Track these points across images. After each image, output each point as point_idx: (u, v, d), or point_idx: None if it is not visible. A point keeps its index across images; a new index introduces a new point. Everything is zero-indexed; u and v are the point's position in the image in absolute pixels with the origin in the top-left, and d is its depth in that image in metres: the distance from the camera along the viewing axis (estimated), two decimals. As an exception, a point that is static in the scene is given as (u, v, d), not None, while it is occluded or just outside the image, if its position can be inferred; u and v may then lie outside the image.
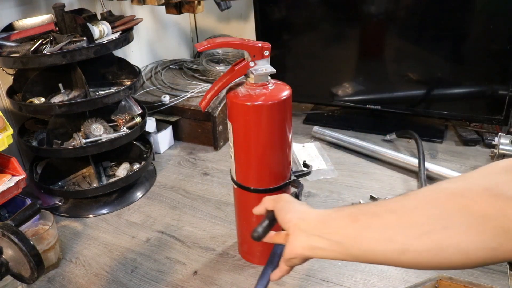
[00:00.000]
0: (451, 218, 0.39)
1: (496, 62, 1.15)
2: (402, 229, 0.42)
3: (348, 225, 0.47)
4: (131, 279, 0.84)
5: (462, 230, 0.38)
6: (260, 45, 0.71)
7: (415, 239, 0.41)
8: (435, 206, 0.41)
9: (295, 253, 0.52)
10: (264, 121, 0.71)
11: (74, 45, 0.94)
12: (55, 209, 1.06)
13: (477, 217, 0.38)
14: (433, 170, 1.07)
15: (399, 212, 0.43)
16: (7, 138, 0.87)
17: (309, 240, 0.50)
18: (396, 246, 0.42)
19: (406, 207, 0.43)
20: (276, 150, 0.75)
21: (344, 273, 0.82)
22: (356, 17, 1.28)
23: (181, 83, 1.42)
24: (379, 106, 1.33)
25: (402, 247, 0.42)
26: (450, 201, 0.40)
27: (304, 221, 0.52)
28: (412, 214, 0.42)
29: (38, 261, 0.57)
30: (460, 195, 0.40)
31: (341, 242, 0.47)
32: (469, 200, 0.39)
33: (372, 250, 0.44)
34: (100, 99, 0.98)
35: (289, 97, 0.71)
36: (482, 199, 0.38)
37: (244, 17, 1.70)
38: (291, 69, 1.40)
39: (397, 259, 0.42)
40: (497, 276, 0.79)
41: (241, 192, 0.79)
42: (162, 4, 1.22)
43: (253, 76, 0.71)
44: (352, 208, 0.49)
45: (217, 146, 1.31)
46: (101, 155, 1.10)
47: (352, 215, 0.47)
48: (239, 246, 0.90)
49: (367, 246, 0.45)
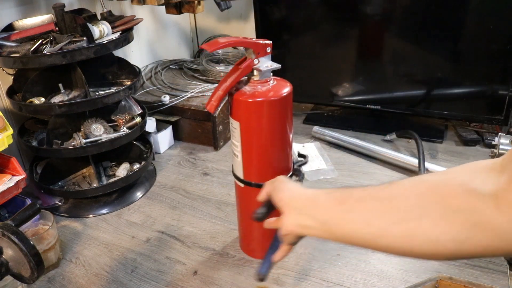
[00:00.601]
0: (427, 209, 0.41)
1: (496, 62, 1.15)
2: (381, 215, 0.45)
3: (334, 207, 0.50)
4: (131, 279, 0.84)
5: (435, 221, 0.41)
6: (264, 42, 0.73)
7: (391, 225, 0.44)
8: (414, 196, 0.43)
9: (288, 229, 0.56)
10: (276, 115, 0.73)
11: (74, 45, 0.94)
12: (55, 209, 1.06)
13: (450, 210, 0.40)
14: (433, 170, 1.07)
15: (381, 199, 0.46)
16: (7, 138, 0.87)
17: (299, 219, 0.53)
18: (374, 230, 0.45)
19: (388, 195, 0.46)
20: (283, 144, 0.77)
21: (344, 273, 0.82)
22: (356, 17, 1.28)
23: (181, 83, 1.42)
24: (379, 106, 1.33)
25: (379, 231, 0.45)
26: (429, 192, 0.42)
27: (296, 200, 0.55)
28: (392, 202, 0.45)
29: (38, 261, 0.57)
30: (438, 188, 0.42)
31: (327, 222, 0.50)
32: (445, 193, 0.41)
33: (353, 232, 0.48)
34: (100, 99, 0.98)
35: (291, 91, 0.75)
36: (457, 193, 0.40)
37: (244, 17, 1.70)
38: (291, 69, 1.40)
39: (375, 242, 0.46)
40: (497, 276, 0.79)
41: (246, 189, 0.80)
42: (162, 4, 1.22)
43: (257, 73, 0.73)
44: (340, 191, 0.51)
45: (217, 146, 1.31)
46: (101, 155, 1.10)
47: (339, 198, 0.50)
48: (240, 241, 0.91)
49: (348, 228, 0.48)
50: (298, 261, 0.86)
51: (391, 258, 0.85)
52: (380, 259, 0.85)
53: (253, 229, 0.86)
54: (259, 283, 0.81)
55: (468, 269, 0.81)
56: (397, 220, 0.43)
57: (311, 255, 0.87)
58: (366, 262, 0.84)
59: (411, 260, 0.84)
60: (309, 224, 0.52)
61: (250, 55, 0.73)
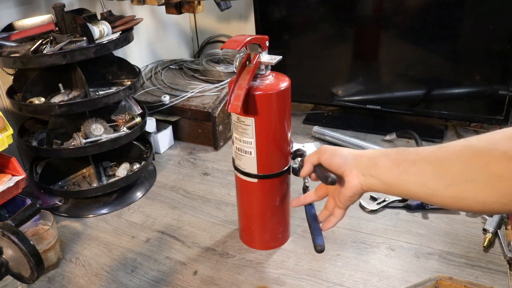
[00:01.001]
0: (473, 174, 0.47)
1: (496, 62, 1.15)
2: (433, 178, 0.51)
3: (392, 169, 0.57)
4: (131, 279, 0.84)
5: (480, 186, 0.46)
6: (264, 36, 0.75)
7: (443, 187, 0.50)
8: (461, 161, 0.48)
9: (356, 189, 0.62)
10: (286, 104, 0.76)
11: (74, 45, 0.94)
12: (55, 209, 1.06)
13: (493, 176, 0.45)
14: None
15: (433, 162, 0.52)
16: (7, 138, 0.87)
17: (365, 179, 0.60)
18: (428, 190, 0.52)
19: (438, 159, 0.51)
20: (288, 130, 0.80)
21: (344, 273, 0.82)
22: (356, 17, 1.28)
23: (181, 83, 1.42)
24: (379, 106, 1.33)
25: (433, 191, 0.52)
26: (474, 158, 0.47)
27: (358, 162, 0.61)
28: (443, 166, 0.50)
29: (38, 261, 0.57)
30: (482, 154, 0.47)
31: (387, 182, 0.57)
32: (489, 159, 0.46)
33: (410, 191, 0.55)
34: (100, 99, 0.98)
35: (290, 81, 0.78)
36: (499, 160, 0.45)
37: (244, 17, 1.70)
38: (291, 69, 1.40)
39: (429, 200, 0.53)
40: (497, 276, 0.79)
41: (259, 183, 0.81)
42: (162, 4, 1.22)
43: (263, 68, 0.75)
44: (396, 152, 0.58)
45: (217, 146, 1.31)
46: (101, 155, 1.10)
47: (396, 161, 0.57)
48: (240, 233, 0.93)
49: (406, 188, 0.55)
50: (298, 261, 0.86)
51: (391, 258, 0.85)
52: (380, 259, 0.85)
53: (254, 221, 0.87)
54: (259, 283, 0.81)
55: (468, 269, 0.81)
56: (447, 184, 0.49)
57: (311, 255, 0.87)
58: (366, 262, 0.84)
59: (411, 260, 0.84)
60: (373, 183, 0.59)
61: (256, 50, 0.74)
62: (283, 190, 0.84)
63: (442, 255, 0.85)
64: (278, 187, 0.82)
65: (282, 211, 0.87)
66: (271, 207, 0.84)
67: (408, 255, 0.85)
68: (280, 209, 0.86)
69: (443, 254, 0.85)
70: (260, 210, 0.85)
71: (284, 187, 0.84)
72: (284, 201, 0.85)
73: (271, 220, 0.86)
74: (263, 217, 0.86)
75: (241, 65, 0.75)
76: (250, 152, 0.78)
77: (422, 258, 0.84)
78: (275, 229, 0.88)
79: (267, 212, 0.85)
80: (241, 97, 0.71)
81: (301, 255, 0.87)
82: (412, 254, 0.86)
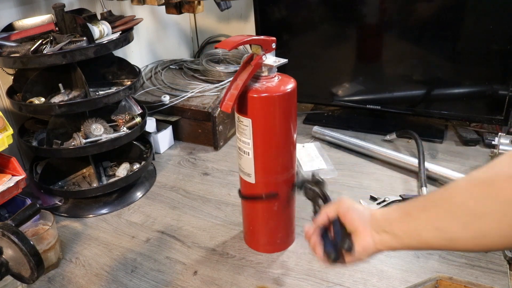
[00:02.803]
0: (486, 207, 0.44)
1: (496, 62, 1.15)
2: (448, 220, 0.47)
3: (403, 219, 0.53)
4: (131, 279, 0.84)
5: (497, 217, 0.43)
6: (270, 38, 0.74)
7: (460, 229, 0.46)
8: (471, 198, 0.46)
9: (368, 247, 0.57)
10: (289, 108, 0.75)
11: (74, 45, 0.94)
12: (55, 209, 1.06)
13: (506, 203, 0.42)
14: (433, 170, 1.07)
15: (442, 205, 0.49)
16: (7, 138, 0.87)
17: (380, 236, 0.56)
18: (445, 235, 0.48)
19: (447, 200, 0.48)
20: (291, 139, 0.79)
21: (344, 273, 0.82)
22: (356, 17, 1.27)
23: (181, 83, 1.42)
24: (379, 106, 1.33)
25: (450, 235, 0.47)
26: (482, 190, 0.45)
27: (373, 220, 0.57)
28: (453, 206, 0.47)
29: (38, 261, 0.57)
30: (488, 185, 0.45)
31: (400, 235, 0.53)
32: (498, 188, 0.43)
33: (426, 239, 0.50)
34: (100, 99, 0.98)
35: (296, 85, 0.77)
36: (507, 185, 0.42)
37: (244, 17, 1.70)
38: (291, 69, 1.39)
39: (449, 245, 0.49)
40: (497, 276, 0.79)
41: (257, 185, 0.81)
42: (162, 4, 1.22)
43: (266, 69, 0.74)
44: (406, 204, 0.54)
45: (217, 146, 1.31)
46: (101, 155, 1.10)
47: (406, 210, 0.53)
48: (244, 235, 0.92)
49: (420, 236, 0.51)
50: (298, 261, 0.86)
51: (391, 258, 0.85)
52: (380, 259, 0.85)
53: (258, 223, 0.87)
54: (259, 283, 0.81)
55: (468, 269, 0.81)
56: (464, 222, 0.46)
57: (311, 255, 0.87)
58: (366, 262, 0.84)
59: (411, 260, 0.84)
60: (387, 239, 0.55)
61: (258, 51, 0.73)
62: (284, 196, 0.82)
63: (442, 255, 0.85)
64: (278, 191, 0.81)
65: (284, 214, 0.86)
66: (271, 209, 0.83)
67: (408, 255, 0.85)
68: (282, 212, 0.85)
69: (443, 254, 0.85)
70: (262, 210, 0.85)
71: (285, 193, 0.82)
72: (286, 204, 0.84)
73: (273, 223, 0.86)
74: (266, 219, 0.85)
75: (242, 65, 0.75)
76: (248, 153, 0.78)
77: (422, 258, 0.84)
78: (277, 232, 0.87)
79: (268, 214, 0.84)
80: (234, 97, 0.71)
81: (301, 255, 0.87)
82: (412, 254, 0.86)
